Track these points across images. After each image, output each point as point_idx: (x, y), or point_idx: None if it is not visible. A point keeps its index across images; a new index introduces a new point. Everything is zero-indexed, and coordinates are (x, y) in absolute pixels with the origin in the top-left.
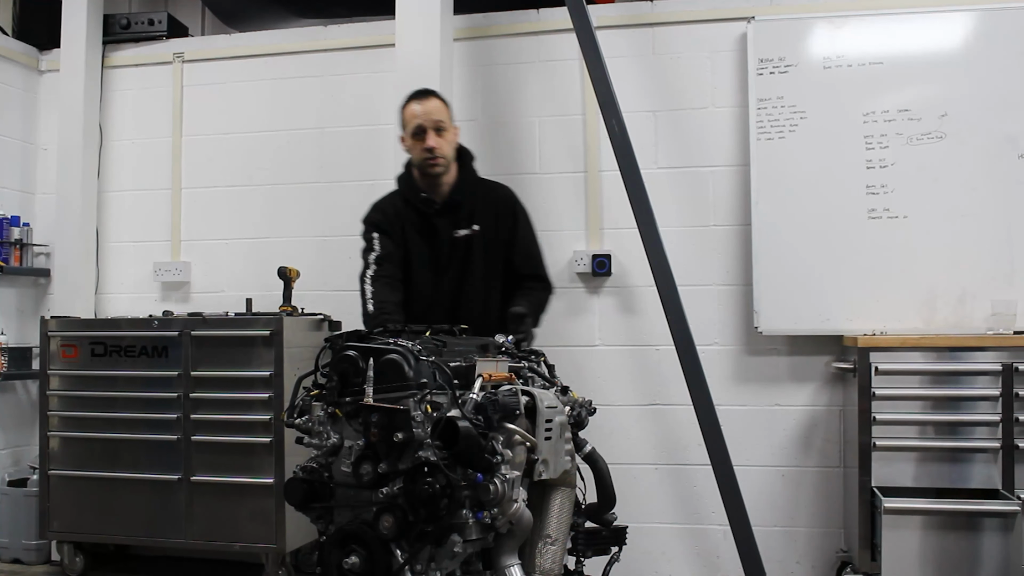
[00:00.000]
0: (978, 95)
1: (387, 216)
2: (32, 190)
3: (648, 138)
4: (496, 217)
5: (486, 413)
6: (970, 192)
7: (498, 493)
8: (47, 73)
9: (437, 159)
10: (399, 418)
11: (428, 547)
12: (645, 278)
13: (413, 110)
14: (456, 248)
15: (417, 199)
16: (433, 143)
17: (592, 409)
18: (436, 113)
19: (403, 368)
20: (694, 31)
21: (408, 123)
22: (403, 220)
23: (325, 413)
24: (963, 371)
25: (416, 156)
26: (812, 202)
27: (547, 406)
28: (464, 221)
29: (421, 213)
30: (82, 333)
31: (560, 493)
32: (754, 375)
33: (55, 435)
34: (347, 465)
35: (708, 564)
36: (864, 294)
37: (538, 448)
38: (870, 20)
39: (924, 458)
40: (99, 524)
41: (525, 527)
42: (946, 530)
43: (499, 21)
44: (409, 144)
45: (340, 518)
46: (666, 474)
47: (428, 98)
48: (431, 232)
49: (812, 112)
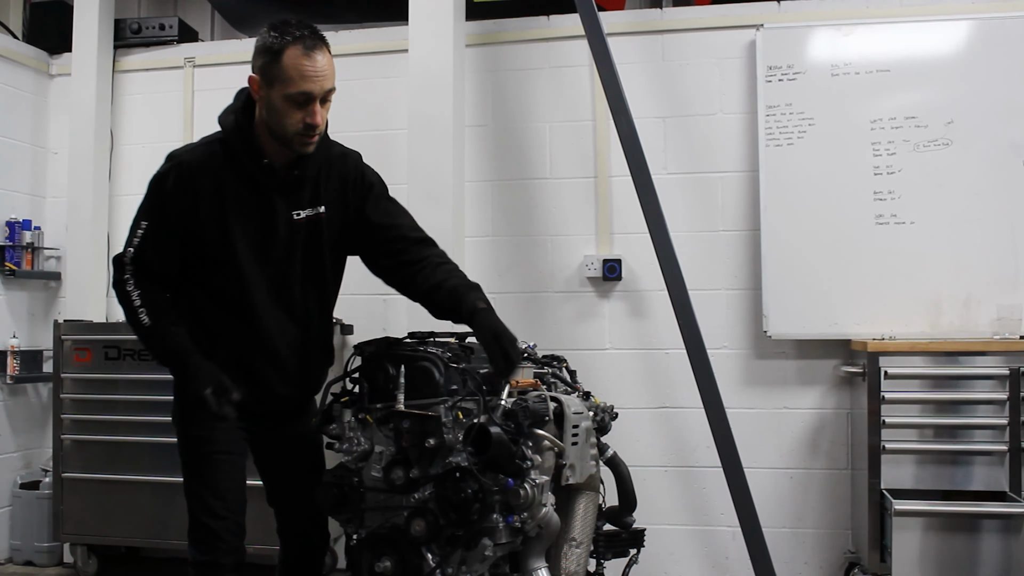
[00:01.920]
0: (983, 102)
1: (192, 175)
2: (42, 194)
3: (657, 144)
4: (344, 193)
5: (516, 419)
6: (975, 198)
7: (528, 498)
8: (57, 77)
9: (315, 136)
10: (431, 424)
11: (459, 551)
12: (655, 282)
13: (302, 66)
14: (295, 233)
15: (258, 165)
16: (319, 119)
17: (615, 414)
18: (330, 77)
19: (433, 375)
20: (703, 38)
21: (289, 81)
22: (220, 186)
23: (355, 419)
24: (970, 375)
25: (288, 126)
26: (820, 208)
27: (574, 412)
28: (307, 199)
29: (253, 183)
30: (96, 337)
31: (585, 497)
32: (762, 378)
33: (68, 438)
34: (377, 470)
35: (717, 565)
36: (871, 299)
37: (566, 453)
38: (877, 28)
39: (931, 460)
40: (113, 526)
41: (553, 531)
42: (955, 532)
43: (510, 27)
44: (280, 106)
45: (370, 522)
46: (675, 476)
47: (320, 50)
48: (265, 210)
49: (820, 119)
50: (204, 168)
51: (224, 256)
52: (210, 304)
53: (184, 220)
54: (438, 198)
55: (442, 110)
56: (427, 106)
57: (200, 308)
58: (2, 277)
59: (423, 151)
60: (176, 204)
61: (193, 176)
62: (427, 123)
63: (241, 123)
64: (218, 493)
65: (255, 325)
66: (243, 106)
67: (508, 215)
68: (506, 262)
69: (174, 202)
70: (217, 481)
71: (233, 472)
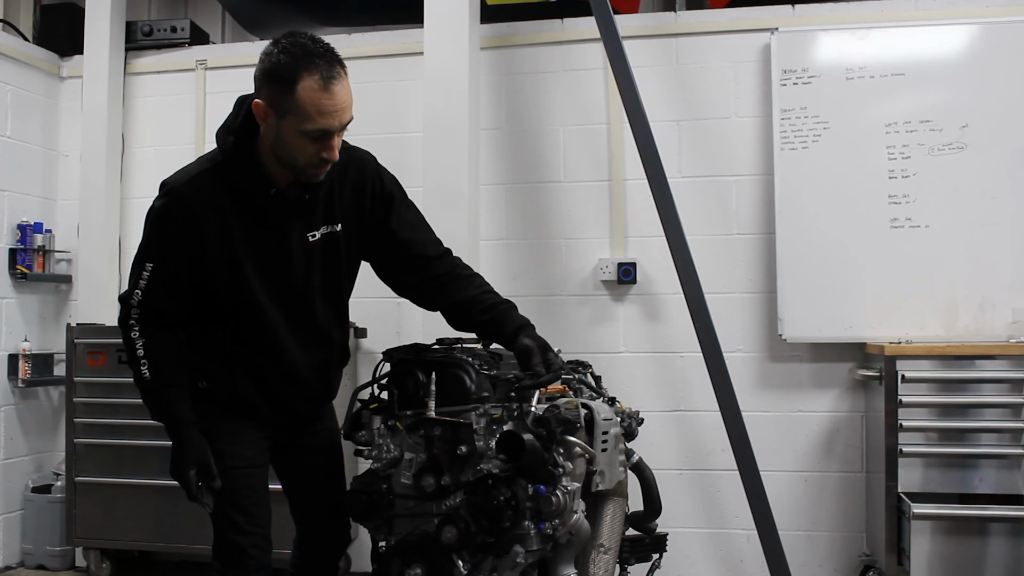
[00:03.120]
0: (998, 106)
1: (193, 207)
2: (53, 196)
3: (672, 147)
4: (361, 205)
5: (548, 426)
6: (990, 202)
7: (560, 505)
8: (68, 79)
9: (328, 167)
10: (463, 432)
11: (490, 558)
12: (669, 286)
13: (319, 102)
14: (311, 257)
15: (265, 196)
16: (336, 154)
17: (640, 419)
18: (349, 108)
19: (465, 382)
20: (718, 42)
21: (305, 117)
22: (224, 216)
23: (385, 426)
24: (987, 379)
25: (300, 159)
26: (835, 211)
27: (604, 418)
28: (321, 218)
29: (261, 212)
30: (109, 340)
31: (613, 503)
32: (777, 381)
33: (81, 442)
34: (407, 477)
35: (731, 568)
36: (886, 302)
37: (596, 460)
38: (892, 32)
39: (946, 464)
40: (126, 530)
41: (583, 537)
42: (971, 535)
43: (524, 30)
44: (293, 140)
45: (399, 529)
46: (690, 479)
47: (339, 80)
48: (276, 238)
49: (835, 122)
50: (205, 198)
51: (237, 293)
52: (226, 337)
53: (190, 258)
54: (454, 201)
55: (458, 113)
56: (443, 109)
57: (215, 338)
58: (13, 280)
59: (439, 154)
60: (179, 242)
61: (193, 209)
62: (443, 126)
63: (242, 148)
64: (243, 508)
65: (277, 356)
66: (242, 126)
67: (522, 218)
68: (520, 265)
69: (176, 240)
70: (242, 496)
71: (257, 485)
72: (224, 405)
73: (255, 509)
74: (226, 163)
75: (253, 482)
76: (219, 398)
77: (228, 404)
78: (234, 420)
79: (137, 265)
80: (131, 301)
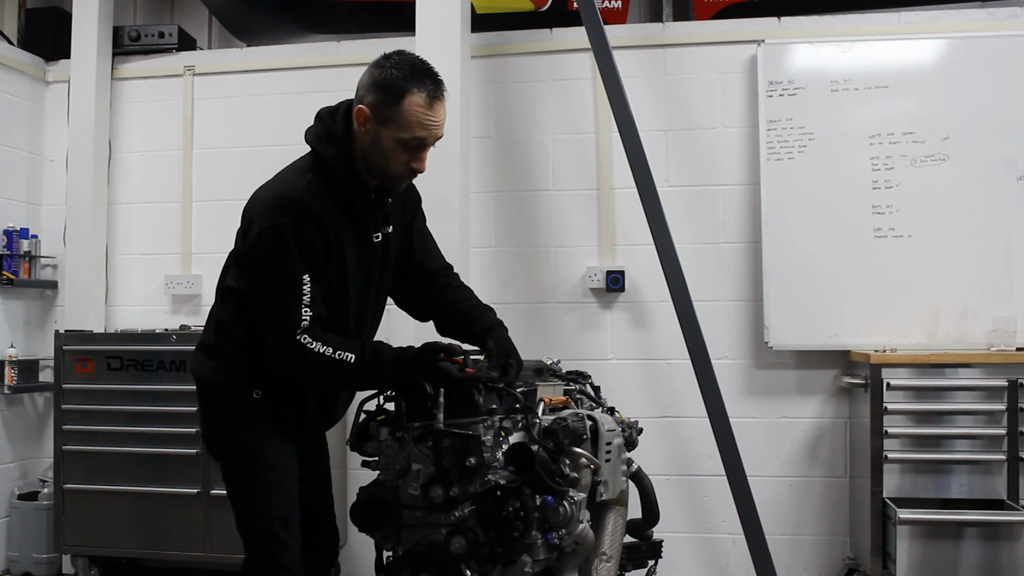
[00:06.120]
0: (979, 119)
1: (321, 215)
2: (39, 202)
3: (659, 157)
4: (404, 207)
5: (556, 438)
6: (971, 212)
7: (567, 515)
8: (54, 84)
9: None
10: (472, 443)
11: (498, 567)
12: (657, 293)
13: (423, 116)
14: (373, 257)
15: (364, 200)
16: (425, 166)
17: (640, 429)
18: (443, 126)
19: (472, 394)
20: (705, 53)
21: (406, 127)
22: (334, 220)
23: (392, 437)
24: (970, 386)
25: (393, 167)
26: (820, 221)
27: (607, 429)
28: (380, 220)
29: (356, 213)
30: (98, 347)
31: (614, 512)
32: (763, 388)
33: (69, 448)
34: (415, 488)
35: (718, 572)
36: (870, 310)
37: (600, 470)
38: (875, 45)
39: (930, 469)
40: (114, 537)
41: (589, 546)
42: (954, 540)
43: (513, 40)
44: (390, 147)
45: (407, 539)
46: (677, 484)
47: (442, 100)
48: (363, 239)
49: (820, 133)
50: (322, 206)
51: (337, 291)
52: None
53: (327, 262)
54: (445, 209)
55: (449, 121)
56: None
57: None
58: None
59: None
60: (319, 248)
61: (321, 217)
62: None
63: (346, 156)
64: (286, 520)
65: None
66: (343, 133)
67: (511, 226)
68: (509, 273)
69: (317, 247)
70: (288, 508)
71: (295, 497)
72: (274, 416)
73: (293, 523)
74: (331, 171)
75: (294, 494)
76: (270, 409)
77: (278, 415)
78: (280, 433)
79: (289, 289)
80: (295, 330)
